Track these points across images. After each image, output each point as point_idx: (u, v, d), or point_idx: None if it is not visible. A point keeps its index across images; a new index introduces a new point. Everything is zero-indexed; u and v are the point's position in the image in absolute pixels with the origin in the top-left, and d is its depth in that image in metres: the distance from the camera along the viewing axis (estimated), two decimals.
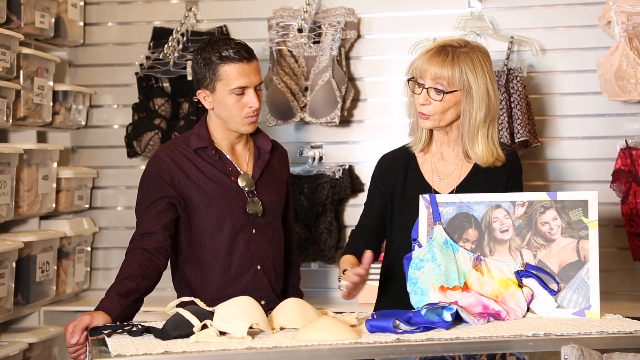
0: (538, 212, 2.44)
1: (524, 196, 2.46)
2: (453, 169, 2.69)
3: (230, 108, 2.75)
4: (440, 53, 2.57)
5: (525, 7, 3.86)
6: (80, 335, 2.41)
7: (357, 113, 3.97)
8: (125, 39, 4.13)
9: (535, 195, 2.46)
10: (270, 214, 2.86)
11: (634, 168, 3.64)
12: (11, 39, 3.46)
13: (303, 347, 2.09)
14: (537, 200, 2.45)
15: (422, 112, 2.60)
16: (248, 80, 2.74)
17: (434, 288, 2.42)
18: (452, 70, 2.55)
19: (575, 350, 1.93)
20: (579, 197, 2.44)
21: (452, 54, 2.57)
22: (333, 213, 3.87)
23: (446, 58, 2.56)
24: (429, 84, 2.57)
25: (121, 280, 2.58)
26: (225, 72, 2.73)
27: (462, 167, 2.69)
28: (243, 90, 2.74)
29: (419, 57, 2.61)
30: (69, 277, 3.93)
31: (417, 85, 2.60)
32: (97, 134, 4.16)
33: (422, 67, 2.57)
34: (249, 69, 2.74)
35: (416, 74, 2.60)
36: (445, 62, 2.55)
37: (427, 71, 2.56)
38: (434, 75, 2.56)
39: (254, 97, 2.76)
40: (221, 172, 2.80)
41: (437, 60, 2.56)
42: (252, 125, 2.80)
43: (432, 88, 2.57)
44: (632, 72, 3.51)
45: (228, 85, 2.73)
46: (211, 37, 2.81)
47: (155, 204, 2.72)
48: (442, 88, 2.57)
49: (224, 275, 2.79)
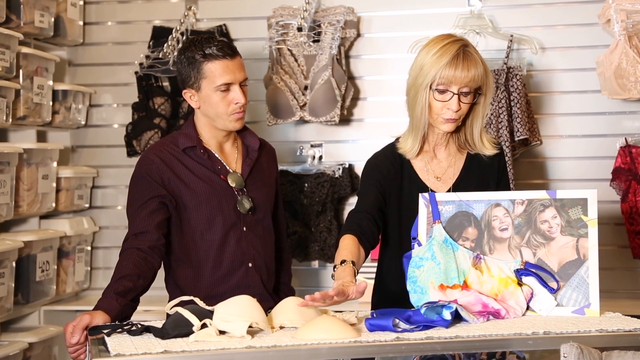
0: (537, 210, 2.44)
1: (523, 194, 2.46)
2: (446, 167, 2.70)
3: (216, 105, 2.76)
4: (462, 56, 2.54)
5: (525, 6, 3.86)
6: (80, 335, 2.41)
7: (356, 112, 3.97)
8: (125, 38, 4.13)
9: (534, 194, 2.46)
10: (260, 212, 2.87)
11: (633, 166, 3.63)
12: (11, 39, 3.46)
13: (303, 346, 2.09)
14: (537, 199, 2.45)
15: (453, 117, 2.57)
16: (233, 76, 2.75)
17: (434, 286, 2.42)
18: (478, 68, 2.55)
19: (574, 349, 1.93)
20: (578, 196, 2.44)
21: (469, 53, 2.55)
22: (333, 212, 3.87)
23: (471, 59, 2.54)
24: (458, 90, 2.55)
25: (118, 280, 2.58)
26: (209, 69, 2.74)
27: (455, 165, 2.70)
28: (228, 86, 2.75)
29: (441, 67, 2.53)
30: (69, 277, 3.93)
31: (443, 93, 2.55)
32: (96, 133, 4.16)
33: (454, 76, 2.52)
34: (233, 65, 2.75)
35: (442, 82, 2.54)
36: (471, 62, 2.54)
37: (460, 79, 2.52)
38: (469, 80, 2.53)
39: (240, 93, 2.76)
40: (210, 171, 2.81)
41: (466, 64, 2.53)
42: (240, 121, 2.81)
43: (462, 92, 2.55)
44: (632, 70, 3.51)
45: (213, 82, 2.74)
46: (194, 37, 2.83)
47: (146, 204, 2.72)
48: (468, 89, 2.56)
49: (216, 273, 2.80)
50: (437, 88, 2.55)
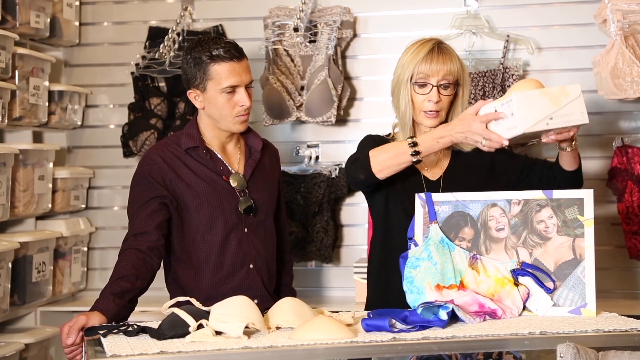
0: (534, 210, 2.44)
1: (519, 194, 2.46)
2: (435, 158, 2.77)
3: (221, 107, 2.75)
4: (437, 51, 2.70)
5: (521, 6, 3.86)
6: (76, 336, 2.41)
7: (353, 112, 3.97)
8: (121, 38, 4.13)
9: (531, 194, 2.46)
10: (262, 213, 2.86)
11: (630, 166, 3.64)
12: (6, 39, 3.45)
13: (299, 346, 2.09)
14: (533, 199, 2.45)
15: (434, 109, 2.68)
16: (239, 79, 2.74)
17: (430, 287, 2.42)
18: (454, 62, 2.70)
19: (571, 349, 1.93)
20: (574, 196, 2.44)
21: (444, 48, 2.71)
22: (329, 212, 3.87)
23: (446, 53, 2.70)
24: (436, 82, 2.67)
25: (115, 281, 2.58)
26: (215, 71, 2.73)
27: (442, 155, 2.78)
28: (234, 89, 2.74)
29: (418, 61, 2.68)
30: (65, 278, 3.92)
31: (424, 87, 2.69)
32: (93, 133, 4.15)
33: (430, 69, 2.67)
34: (239, 67, 2.74)
35: (421, 76, 2.68)
36: (446, 57, 2.69)
37: (435, 71, 2.67)
38: (445, 72, 2.67)
39: (245, 95, 2.76)
40: (212, 172, 2.80)
41: (441, 58, 2.68)
42: (244, 124, 2.80)
43: (441, 85, 2.68)
44: (628, 70, 3.51)
45: (219, 84, 2.73)
46: (201, 37, 2.81)
47: (147, 204, 2.72)
48: (447, 82, 2.68)
49: (217, 274, 2.79)
50: (416, 82, 2.69)
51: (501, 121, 2.45)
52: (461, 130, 2.51)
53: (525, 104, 2.40)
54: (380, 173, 2.60)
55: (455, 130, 2.53)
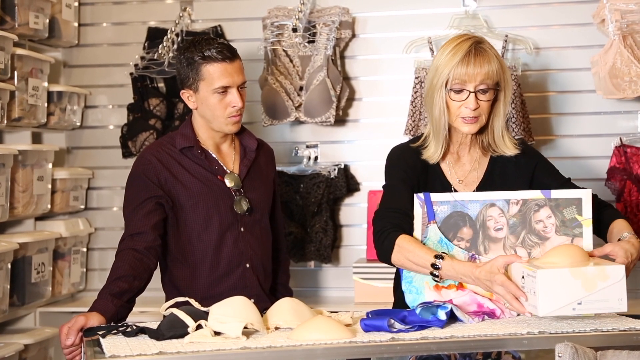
0: (532, 210, 2.44)
1: (518, 194, 2.46)
2: (469, 170, 2.66)
3: (213, 108, 2.76)
4: (474, 53, 2.51)
5: (520, 6, 3.86)
6: (75, 337, 2.41)
7: (352, 112, 3.97)
8: (120, 39, 4.13)
9: (529, 194, 2.46)
10: (258, 212, 2.87)
11: (628, 166, 3.64)
12: (5, 40, 3.46)
13: (298, 346, 2.09)
14: (531, 199, 2.45)
15: (472, 116, 2.52)
16: (231, 79, 2.75)
17: (429, 287, 2.43)
18: (492, 64, 2.51)
19: (569, 348, 1.93)
20: (573, 195, 2.44)
21: (482, 49, 2.52)
22: (329, 212, 3.87)
23: (484, 54, 2.51)
24: (474, 87, 2.51)
25: (113, 281, 2.58)
26: (208, 71, 2.74)
27: (478, 168, 2.65)
28: (226, 89, 2.75)
29: (453, 65, 2.50)
30: (64, 278, 3.92)
31: (460, 92, 2.52)
32: (92, 134, 4.15)
33: (467, 73, 2.49)
34: (231, 68, 2.75)
35: (457, 82, 2.51)
36: (484, 58, 2.50)
37: (473, 76, 2.49)
38: (484, 77, 2.50)
39: (237, 96, 2.76)
40: (208, 171, 2.81)
41: (479, 60, 2.50)
42: (236, 125, 2.81)
43: (480, 90, 2.52)
44: (626, 70, 3.52)
45: (211, 84, 2.74)
46: (194, 38, 2.82)
47: (143, 205, 2.72)
48: (486, 87, 2.52)
49: (213, 273, 2.80)
50: (452, 88, 2.52)
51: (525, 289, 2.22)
52: (485, 285, 2.32)
53: (550, 285, 2.13)
54: (397, 266, 2.50)
55: (481, 281, 2.31)
